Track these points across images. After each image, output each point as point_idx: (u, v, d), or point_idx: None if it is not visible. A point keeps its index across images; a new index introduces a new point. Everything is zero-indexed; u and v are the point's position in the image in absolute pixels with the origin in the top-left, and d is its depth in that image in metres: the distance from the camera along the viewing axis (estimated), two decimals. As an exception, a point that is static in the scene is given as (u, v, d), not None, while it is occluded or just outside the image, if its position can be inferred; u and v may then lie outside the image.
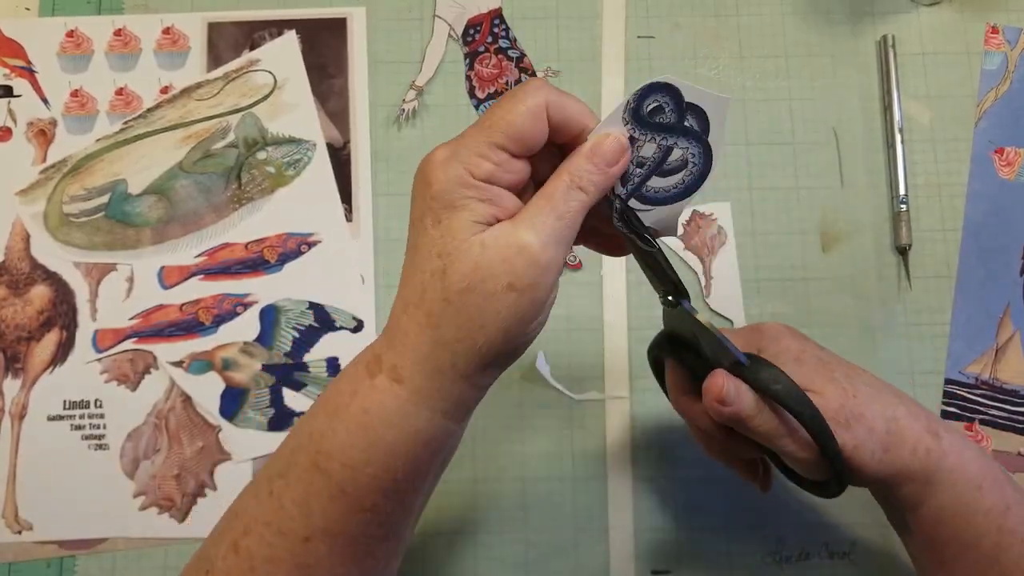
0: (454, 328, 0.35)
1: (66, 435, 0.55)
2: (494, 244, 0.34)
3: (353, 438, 0.36)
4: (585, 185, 0.36)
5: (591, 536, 0.55)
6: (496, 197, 0.35)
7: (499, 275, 0.34)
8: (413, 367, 0.36)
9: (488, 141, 0.35)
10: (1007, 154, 0.60)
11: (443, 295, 0.34)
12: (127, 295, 0.57)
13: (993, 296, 0.58)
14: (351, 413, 0.36)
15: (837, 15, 0.63)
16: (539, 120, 0.35)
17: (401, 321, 0.36)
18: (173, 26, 0.62)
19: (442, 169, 0.35)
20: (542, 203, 0.35)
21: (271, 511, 0.38)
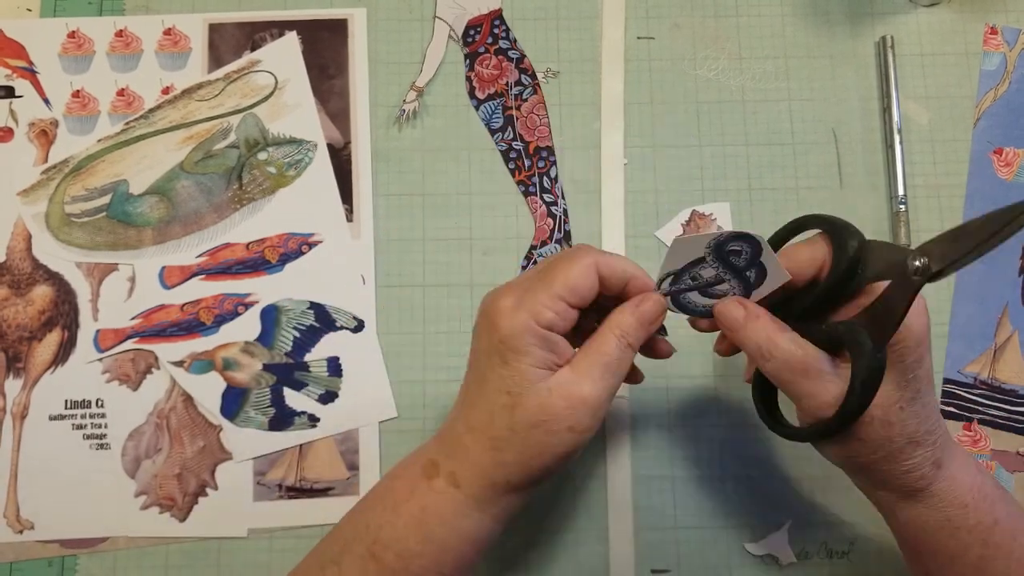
0: (515, 455, 0.40)
1: (67, 435, 0.56)
2: (559, 391, 0.40)
3: (409, 531, 0.41)
4: (633, 343, 0.42)
5: (591, 536, 0.55)
6: (555, 345, 0.40)
7: (562, 419, 0.40)
8: (472, 478, 0.41)
9: (550, 293, 0.40)
10: (1006, 154, 0.60)
11: (510, 426, 0.40)
12: (128, 295, 0.58)
13: (992, 296, 0.58)
14: (409, 509, 0.42)
15: (836, 16, 0.63)
16: (592, 276, 0.41)
17: (464, 438, 0.42)
18: (174, 27, 0.62)
19: (510, 316, 0.40)
20: (600, 361, 0.41)
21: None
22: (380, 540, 0.41)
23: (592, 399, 0.40)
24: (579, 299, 0.41)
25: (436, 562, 0.41)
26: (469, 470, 0.41)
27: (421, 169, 0.60)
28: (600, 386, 0.40)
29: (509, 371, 0.40)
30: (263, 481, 0.55)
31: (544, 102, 0.61)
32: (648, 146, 0.60)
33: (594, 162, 0.60)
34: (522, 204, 0.59)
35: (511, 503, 0.42)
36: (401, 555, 0.41)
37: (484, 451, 0.41)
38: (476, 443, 0.41)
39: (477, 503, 0.41)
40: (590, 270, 0.41)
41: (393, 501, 0.43)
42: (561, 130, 0.61)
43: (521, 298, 0.41)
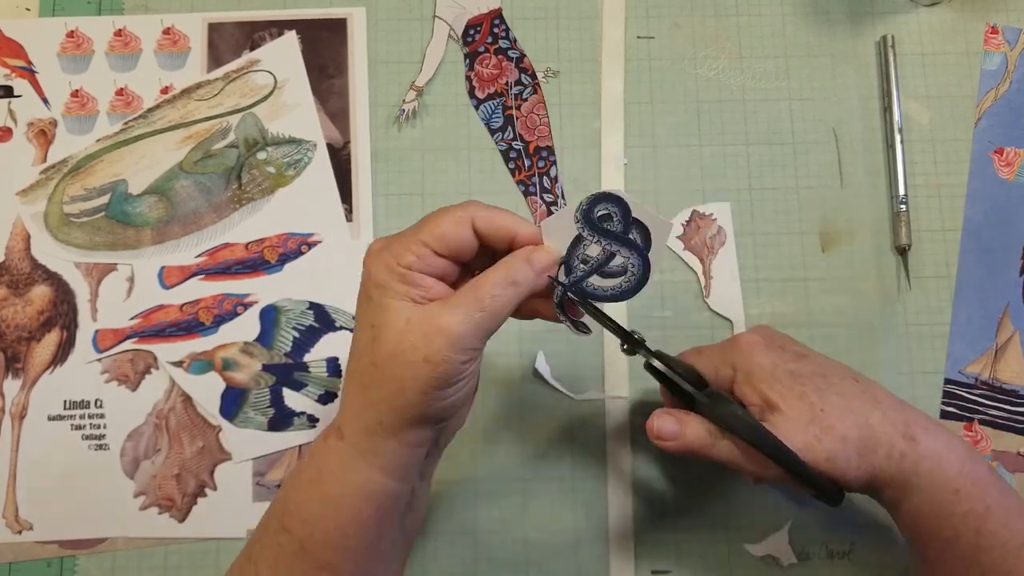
0: (379, 390, 0.39)
1: (66, 435, 0.55)
2: (418, 321, 0.38)
3: (309, 494, 0.41)
4: (519, 281, 0.40)
5: (591, 536, 0.55)
6: (417, 280, 0.39)
7: (418, 348, 0.38)
8: (351, 425, 0.40)
9: (415, 238, 0.40)
10: (1006, 154, 0.60)
11: (372, 360, 0.39)
12: (127, 295, 0.57)
13: (993, 296, 0.58)
14: (308, 473, 0.42)
15: (837, 15, 0.63)
16: (463, 227, 0.40)
17: (346, 387, 0.41)
18: (173, 26, 0.62)
19: (375, 256, 0.40)
20: (469, 293, 0.39)
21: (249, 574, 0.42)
22: (288, 510, 0.41)
23: (450, 328, 0.38)
24: (446, 248, 0.40)
25: (337, 525, 0.40)
26: (349, 418, 0.41)
27: (421, 169, 0.60)
28: (463, 317, 0.38)
29: (372, 306, 0.40)
30: (262, 482, 0.55)
31: (544, 102, 0.61)
32: (648, 146, 0.60)
33: (594, 162, 0.60)
34: (522, 204, 0.59)
35: (395, 452, 0.40)
36: (305, 521, 0.40)
37: (356, 393, 0.40)
38: (350, 385, 0.41)
39: (359, 452, 0.40)
40: (462, 222, 0.40)
41: (298, 469, 0.43)
42: (561, 130, 0.61)
43: (389, 241, 0.41)
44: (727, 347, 0.47)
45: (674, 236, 0.59)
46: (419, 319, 0.39)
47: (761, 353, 0.45)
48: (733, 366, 0.46)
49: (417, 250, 0.40)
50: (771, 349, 0.46)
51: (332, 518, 0.40)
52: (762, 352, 0.46)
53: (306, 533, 0.40)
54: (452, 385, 0.39)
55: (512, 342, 0.57)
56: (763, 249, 0.59)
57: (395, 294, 0.39)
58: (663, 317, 0.57)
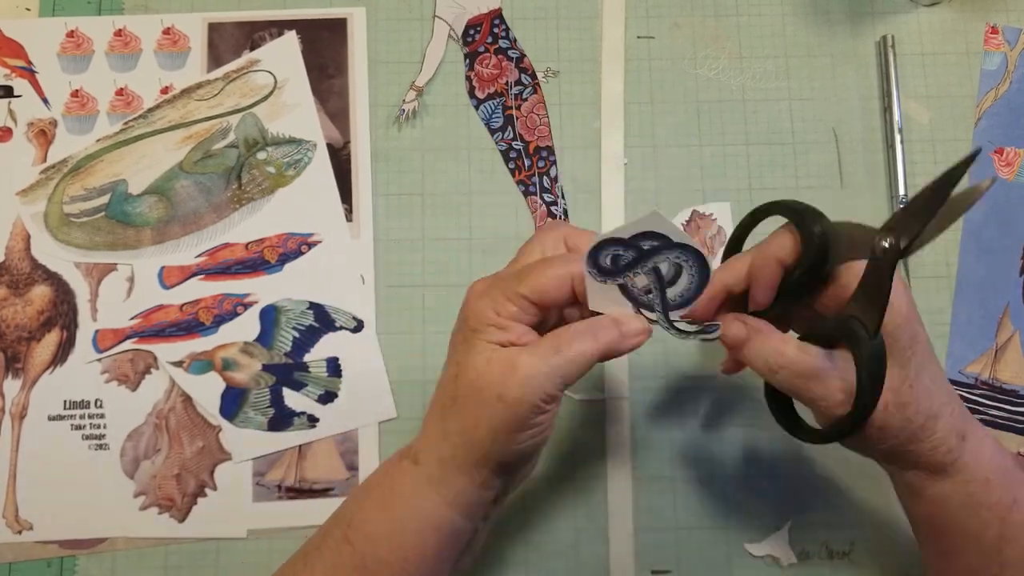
0: (455, 423, 0.41)
1: (66, 435, 0.55)
2: (497, 361, 0.39)
3: (377, 512, 0.42)
4: (600, 337, 0.40)
5: (591, 536, 0.55)
6: (509, 327, 0.40)
7: (494, 386, 0.39)
8: (427, 453, 0.42)
9: (516, 290, 0.40)
10: (1007, 154, 0.60)
11: (453, 394, 0.41)
12: (127, 295, 0.57)
13: (993, 296, 0.58)
14: (380, 491, 0.43)
15: (837, 15, 0.63)
16: (563, 287, 0.40)
17: (427, 414, 0.43)
18: (173, 26, 0.62)
19: (476, 299, 0.41)
20: (550, 339, 0.40)
21: None
22: (353, 523, 0.42)
23: (525, 368, 0.39)
24: (544, 301, 0.40)
25: (399, 546, 0.41)
26: (425, 445, 0.42)
27: (421, 169, 0.60)
28: (540, 360, 0.39)
29: (464, 347, 0.41)
30: (262, 482, 0.55)
31: (544, 102, 0.61)
32: (648, 146, 0.60)
33: (594, 162, 0.60)
34: (522, 204, 0.59)
35: (464, 487, 0.41)
36: (369, 537, 0.41)
37: (435, 423, 0.42)
38: (431, 415, 0.42)
39: (431, 481, 0.41)
40: (564, 281, 0.40)
41: (369, 484, 0.44)
42: (561, 130, 0.61)
43: (492, 284, 0.41)
44: None
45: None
46: (499, 359, 0.40)
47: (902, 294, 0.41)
48: None
49: (518, 303, 0.40)
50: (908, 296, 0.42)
51: (397, 540, 0.41)
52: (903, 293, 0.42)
53: (369, 549, 0.41)
54: (524, 430, 0.40)
55: (512, 342, 0.57)
56: (763, 249, 0.59)
57: (486, 336, 0.40)
58: (663, 317, 0.57)
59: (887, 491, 0.54)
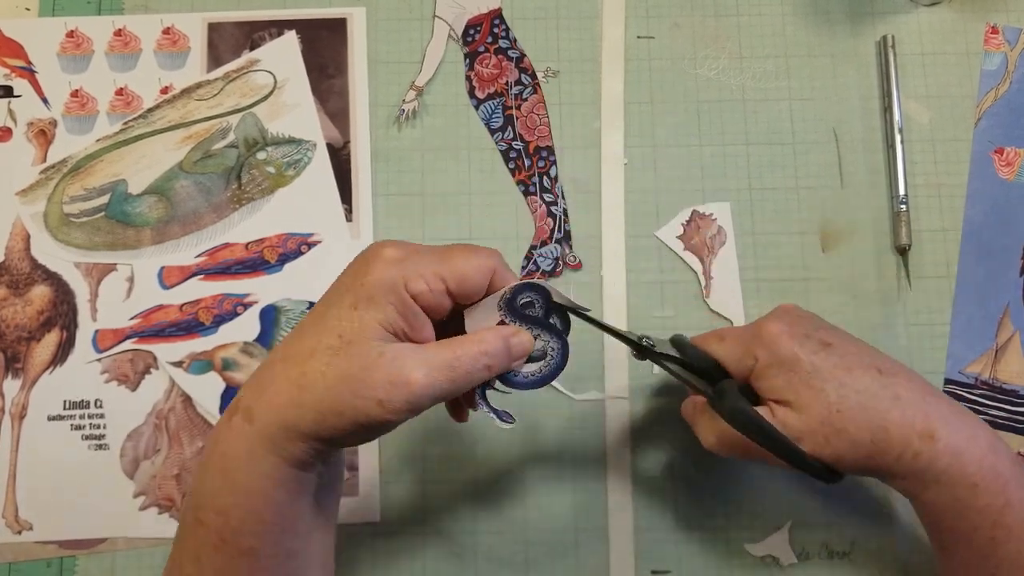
0: (316, 400, 0.37)
1: (66, 435, 0.55)
2: (390, 361, 0.37)
3: (217, 484, 0.38)
4: (491, 364, 0.39)
5: (591, 536, 0.55)
6: (413, 316, 0.38)
7: (377, 388, 0.36)
8: (266, 414, 0.38)
9: (437, 268, 0.38)
10: (1007, 154, 0.60)
11: (323, 369, 0.37)
12: (127, 295, 0.57)
13: (993, 296, 0.58)
14: (214, 460, 0.39)
15: (837, 15, 0.63)
16: (484, 277, 0.40)
17: (276, 366, 0.39)
18: (173, 26, 0.62)
19: (385, 266, 0.38)
20: (447, 359, 0.38)
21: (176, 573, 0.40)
22: (199, 503, 0.39)
23: (417, 387, 0.37)
24: (460, 289, 0.39)
25: (250, 511, 0.38)
26: (266, 404, 0.38)
27: (421, 169, 0.60)
28: (432, 380, 0.37)
29: (352, 315, 0.38)
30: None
31: (544, 102, 0.61)
32: (648, 146, 0.60)
33: (594, 162, 0.60)
34: (522, 204, 0.59)
35: (304, 452, 0.38)
36: (219, 512, 0.38)
37: (288, 384, 0.37)
38: (284, 373, 0.38)
39: (266, 441, 0.37)
40: (484, 272, 0.40)
41: (205, 455, 0.40)
42: (561, 130, 0.61)
43: (406, 256, 0.39)
44: (750, 335, 0.46)
45: (674, 236, 0.59)
46: (391, 358, 0.37)
47: (784, 344, 0.44)
48: (755, 356, 0.45)
49: (433, 283, 0.38)
50: (794, 339, 0.44)
51: (244, 505, 0.38)
52: (785, 343, 0.44)
53: (221, 523, 0.38)
54: (390, 429, 0.38)
55: (512, 342, 0.57)
56: (763, 249, 0.59)
57: (383, 319, 0.38)
58: (663, 317, 0.57)
59: (887, 491, 0.54)
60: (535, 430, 0.56)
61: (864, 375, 0.43)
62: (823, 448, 0.42)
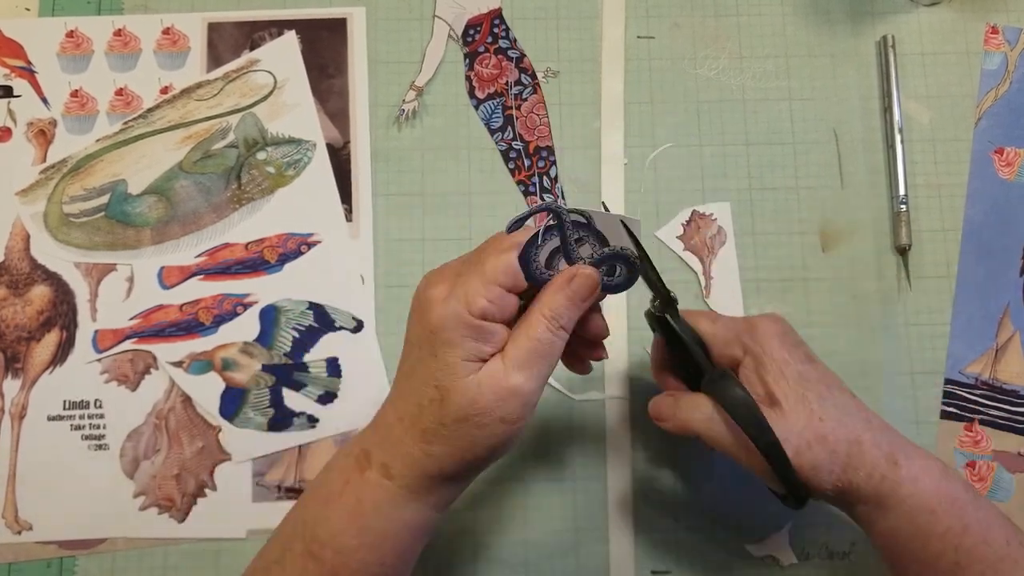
0: (447, 447, 0.39)
1: (66, 435, 0.55)
2: (488, 384, 0.38)
3: (345, 525, 0.40)
4: (565, 324, 0.40)
5: (591, 536, 0.55)
6: (489, 335, 0.39)
7: (493, 411, 0.38)
8: (404, 469, 0.40)
9: (483, 279, 0.39)
10: (1007, 154, 0.60)
11: (439, 420, 0.39)
12: (127, 295, 0.57)
13: (993, 296, 0.58)
14: (344, 502, 0.41)
15: (837, 15, 0.63)
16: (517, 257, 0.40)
17: (395, 429, 0.41)
18: (173, 26, 0.62)
19: (442, 305, 0.39)
20: (532, 348, 0.39)
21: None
22: (317, 538, 0.40)
23: (522, 390, 0.39)
24: (514, 284, 0.39)
25: (375, 553, 0.40)
26: (401, 461, 0.40)
27: (421, 169, 0.60)
28: (531, 375, 0.39)
29: (438, 364, 0.39)
30: (262, 482, 0.55)
31: (544, 102, 0.61)
32: (648, 146, 0.60)
33: (594, 162, 0.60)
34: (522, 204, 0.59)
35: (448, 491, 0.41)
36: (340, 551, 0.40)
37: (415, 443, 0.40)
38: (406, 434, 0.40)
39: (412, 494, 0.40)
40: (518, 251, 0.40)
41: (327, 494, 0.42)
42: (561, 130, 0.60)
43: (453, 287, 0.39)
44: (744, 327, 0.46)
45: (674, 236, 0.59)
46: (489, 382, 0.39)
47: (776, 345, 0.45)
48: (745, 348, 0.45)
49: (489, 293, 0.39)
50: (785, 344, 0.45)
51: (372, 549, 0.40)
52: (777, 344, 0.45)
53: (339, 562, 0.40)
54: (518, 436, 0.40)
55: (512, 342, 0.57)
56: (763, 249, 0.59)
57: (466, 353, 0.39)
58: (663, 317, 0.57)
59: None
60: (535, 430, 0.56)
61: (841, 394, 0.45)
62: (804, 452, 0.42)
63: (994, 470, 0.55)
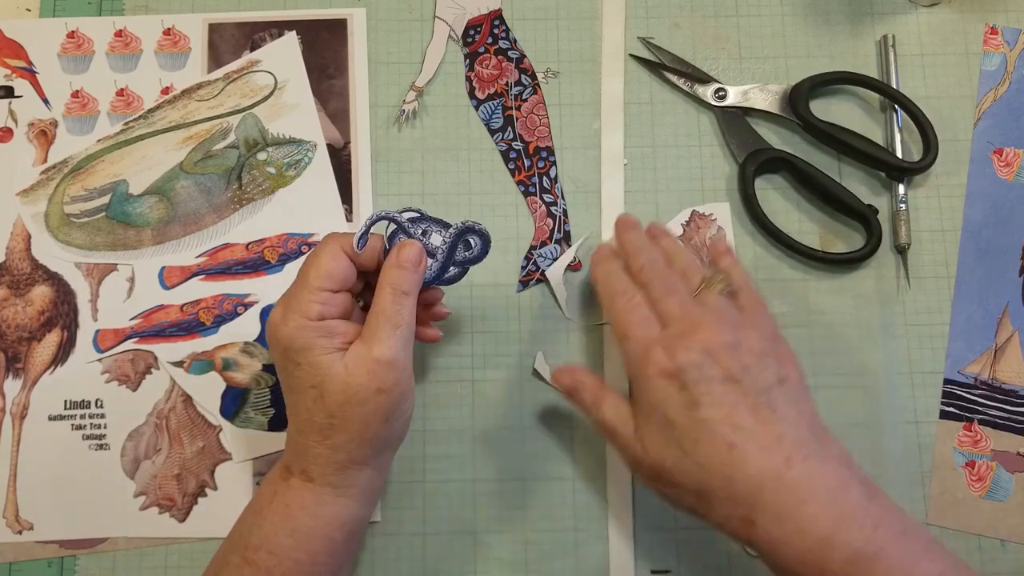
0: (344, 434, 0.43)
1: (67, 435, 0.55)
2: (355, 364, 0.42)
3: (277, 527, 0.43)
4: (407, 289, 0.44)
5: (591, 536, 0.55)
6: (334, 329, 0.43)
7: (368, 385, 0.42)
8: (320, 469, 0.44)
9: (308, 288, 0.43)
10: (1006, 154, 0.60)
11: (328, 414, 0.42)
12: (128, 295, 0.57)
13: (992, 296, 0.58)
14: (274, 508, 0.44)
15: (836, 16, 0.63)
16: (340, 258, 0.44)
17: (299, 440, 0.44)
18: (174, 27, 0.62)
19: (282, 325, 0.43)
20: (381, 320, 0.43)
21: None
22: (251, 544, 0.43)
23: (385, 357, 0.42)
24: (338, 283, 0.44)
25: (307, 551, 0.43)
26: (314, 463, 0.43)
27: (421, 169, 0.60)
28: (389, 343, 0.42)
29: (304, 370, 0.43)
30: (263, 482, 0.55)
31: (544, 102, 0.61)
32: (648, 146, 0.60)
33: (594, 162, 0.60)
34: (522, 204, 0.59)
35: (368, 478, 0.45)
36: (273, 551, 0.43)
37: (318, 443, 0.43)
38: (309, 438, 0.43)
39: (335, 489, 0.44)
40: (337, 253, 0.44)
41: (259, 506, 0.45)
42: (561, 130, 0.61)
43: (287, 305, 0.43)
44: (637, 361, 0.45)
45: (674, 236, 0.59)
46: (354, 362, 0.42)
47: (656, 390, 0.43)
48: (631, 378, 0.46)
49: (318, 298, 0.43)
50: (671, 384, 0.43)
51: (303, 548, 0.43)
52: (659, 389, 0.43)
53: (273, 563, 0.43)
54: (406, 401, 0.44)
55: (512, 343, 0.57)
56: (763, 249, 0.59)
57: (321, 350, 0.42)
58: (663, 317, 0.57)
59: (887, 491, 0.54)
60: (535, 430, 0.56)
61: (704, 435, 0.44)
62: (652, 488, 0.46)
63: (993, 470, 0.55)
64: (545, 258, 0.58)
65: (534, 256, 0.59)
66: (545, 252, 0.59)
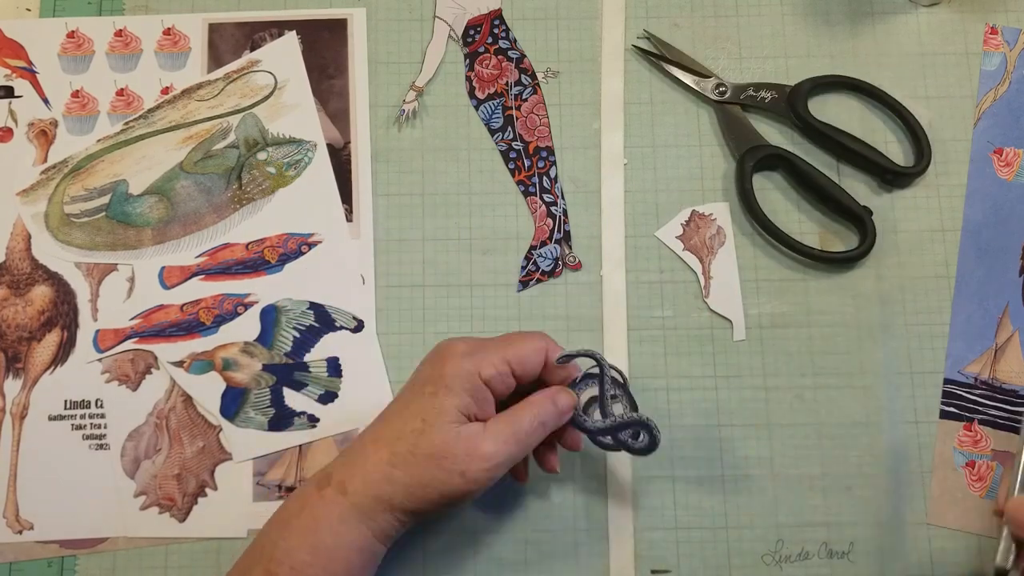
0: (407, 476, 0.44)
1: (67, 435, 0.55)
2: (465, 437, 0.44)
3: (300, 542, 0.44)
4: (545, 422, 0.46)
5: (591, 536, 0.55)
6: (484, 400, 0.45)
7: (459, 461, 0.43)
8: (359, 486, 0.44)
9: (501, 355, 0.45)
10: (1006, 154, 0.60)
11: (413, 448, 0.44)
12: (128, 295, 0.57)
13: (992, 296, 0.58)
14: (300, 522, 0.45)
15: (836, 15, 0.63)
16: (540, 356, 0.47)
17: (367, 447, 0.45)
18: (174, 27, 0.62)
19: (459, 359, 0.45)
20: (510, 429, 0.45)
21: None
22: (275, 557, 0.44)
23: (490, 456, 0.44)
24: (523, 371, 0.46)
25: (326, 571, 0.44)
26: (359, 478, 0.44)
27: (421, 169, 0.60)
28: (502, 448, 0.44)
29: (434, 403, 0.44)
30: (263, 482, 0.55)
31: (544, 102, 0.61)
32: (648, 146, 0.60)
33: (594, 162, 0.60)
34: (522, 204, 0.59)
35: (391, 524, 0.45)
36: (294, 567, 0.43)
37: (380, 462, 0.44)
38: (376, 452, 0.45)
39: (360, 513, 0.44)
40: (541, 352, 0.46)
41: (286, 517, 0.46)
42: (561, 130, 0.61)
43: (474, 349, 0.45)
44: None
45: (674, 236, 0.59)
46: (467, 436, 0.44)
47: None
48: None
49: (500, 367, 0.45)
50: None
51: (323, 566, 0.44)
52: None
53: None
54: (467, 500, 0.45)
55: (512, 342, 0.57)
56: (763, 249, 0.59)
57: (459, 404, 0.44)
58: (663, 317, 0.57)
59: (887, 491, 0.54)
60: (535, 430, 0.56)
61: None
62: None
63: (993, 470, 0.55)
64: (545, 258, 0.58)
65: (534, 256, 0.59)
66: (545, 252, 0.59)
